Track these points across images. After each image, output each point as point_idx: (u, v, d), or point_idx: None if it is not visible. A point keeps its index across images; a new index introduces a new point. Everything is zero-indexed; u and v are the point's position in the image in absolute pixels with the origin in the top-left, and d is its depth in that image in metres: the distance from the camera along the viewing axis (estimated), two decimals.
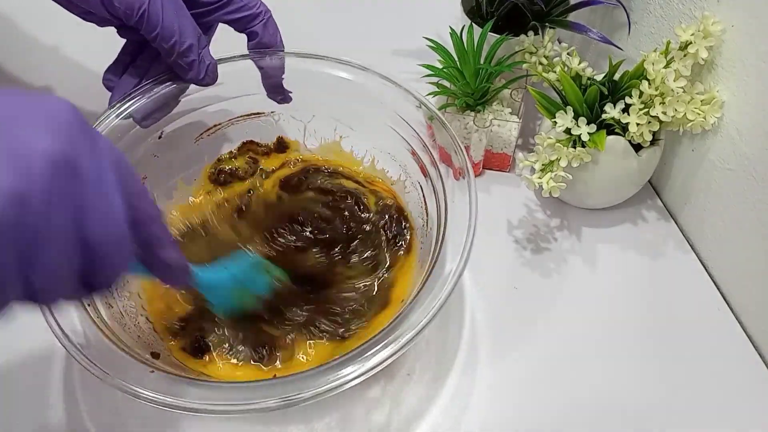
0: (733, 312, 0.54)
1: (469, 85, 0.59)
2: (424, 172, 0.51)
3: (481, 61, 0.59)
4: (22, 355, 0.50)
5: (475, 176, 0.62)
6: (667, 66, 0.51)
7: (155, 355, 0.44)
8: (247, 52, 0.53)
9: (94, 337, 0.40)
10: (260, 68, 0.53)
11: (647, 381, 0.50)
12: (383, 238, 0.54)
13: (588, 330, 0.53)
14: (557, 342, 0.52)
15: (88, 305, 0.42)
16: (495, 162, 0.63)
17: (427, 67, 0.60)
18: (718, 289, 0.56)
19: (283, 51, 0.53)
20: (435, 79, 0.60)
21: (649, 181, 0.62)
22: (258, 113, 0.57)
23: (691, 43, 0.50)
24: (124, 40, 0.52)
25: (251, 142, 0.59)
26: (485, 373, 0.50)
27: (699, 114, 0.51)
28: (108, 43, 0.51)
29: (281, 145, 0.59)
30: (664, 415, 0.48)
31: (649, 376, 0.51)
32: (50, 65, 0.71)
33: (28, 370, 0.49)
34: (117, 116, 0.50)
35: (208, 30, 0.52)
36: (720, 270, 0.56)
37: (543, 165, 0.53)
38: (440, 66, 0.60)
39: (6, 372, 0.49)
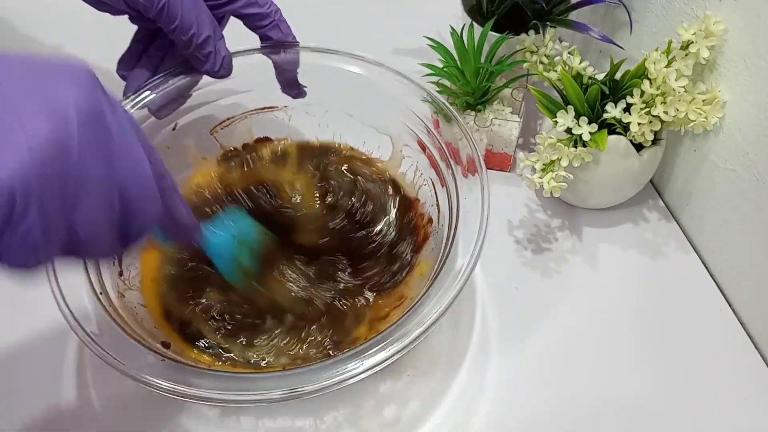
0: (734, 312, 0.54)
1: (469, 84, 0.59)
2: (436, 168, 0.51)
3: (482, 61, 0.59)
4: (37, 340, 0.50)
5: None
6: (668, 65, 0.51)
7: (166, 345, 0.44)
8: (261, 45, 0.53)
9: (107, 326, 0.41)
10: (275, 63, 0.53)
11: (648, 380, 0.50)
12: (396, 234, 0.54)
13: (589, 330, 0.53)
14: (558, 342, 0.52)
15: (101, 293, 0.42)
16: (496, 162, 0.63)
17: (428, 66, 0.60)
18: (720, 289, 0.56)
19: (298, 45, 0.53)
20: (435, 79, 0.60)
21: (651, 181, 0.62)
22: (271, 107, 0.57)
23: (692, 42, 0.50)
24: (125, 34, 0.51)
25: (266, 138, 0.59)
26: (492, 371, 0.50)
27: (700, 114, 0.51)
28: (110, 41, 0.51)
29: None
30: (666, 414, 0.48)
31: (651, 375, 0.50)
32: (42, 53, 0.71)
33: (43, 354, 0.50)
34: (132, 107, 0.50)
35: (219, 23, 0.52)
36: (721, 270, 0.56)
37: (544, 165, 0.53)
38: (441, 65, 0.60)
39: (21, 356, 0.50)
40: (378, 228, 0.54)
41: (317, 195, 0.55)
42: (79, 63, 0.31)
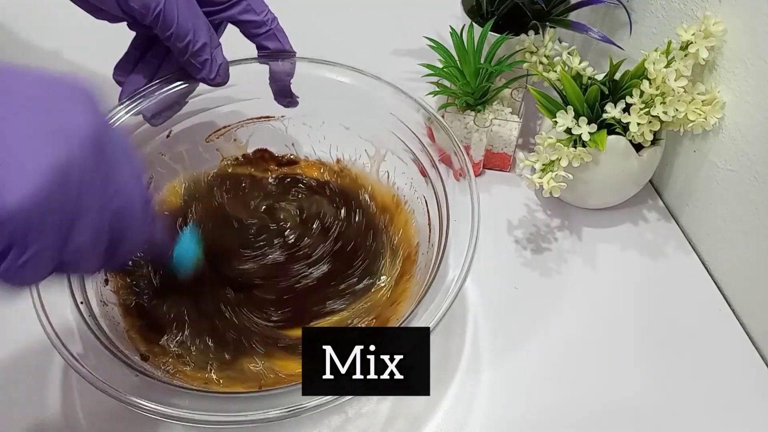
0: (734, 312, 0.54)
1: (469, 84, 0.59)
2: (427, 181, 0.51)
3: (482, 61, 0.59)
4: (21, 357, 0.50)
5: (476, 176, 0.62)
6: (668, 66, 0.51)
7: (144, 357, 0.44)
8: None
9: (87, 339, 0.40)
10: (269, 70, 0.53)
11: (648, 381, 0.50)
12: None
13: (589, 330, 0.53)
14: (558, 343, 0.52)
15: (81, 303, 0.42)
16: (495, 162, 0.63)
17: (428, 66, 0.60)
18: (719, 289, 0.56)
19: (295, 56, 0.52)
20: (435, 79, 0.60)
21: (650, 181, 0.62)
22: (268, 117, 0.57)
23: (692, 43, 0.50)
24: (125, 40, 0.51)
25: (264, 150, 0.58)
26: (487, 376, 0.50)
27: (700, 114, 0.51)
28: (109, 46, 0.51)
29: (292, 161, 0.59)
30: (665, 415, 0.48)
31: (650, 376, 0.50)
32: (51, 70, 0.71)
33: (27, 372, 0.49)
34: (126, 113, 0.49)
35: (216, 30, 0.52)
36: (721, 270, 0.56)
37: (543, 165, 0.53)
38: (440, 65, 0.60)
39: (5, 374, 0.49)
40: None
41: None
42: (83, 83, 0.32)
